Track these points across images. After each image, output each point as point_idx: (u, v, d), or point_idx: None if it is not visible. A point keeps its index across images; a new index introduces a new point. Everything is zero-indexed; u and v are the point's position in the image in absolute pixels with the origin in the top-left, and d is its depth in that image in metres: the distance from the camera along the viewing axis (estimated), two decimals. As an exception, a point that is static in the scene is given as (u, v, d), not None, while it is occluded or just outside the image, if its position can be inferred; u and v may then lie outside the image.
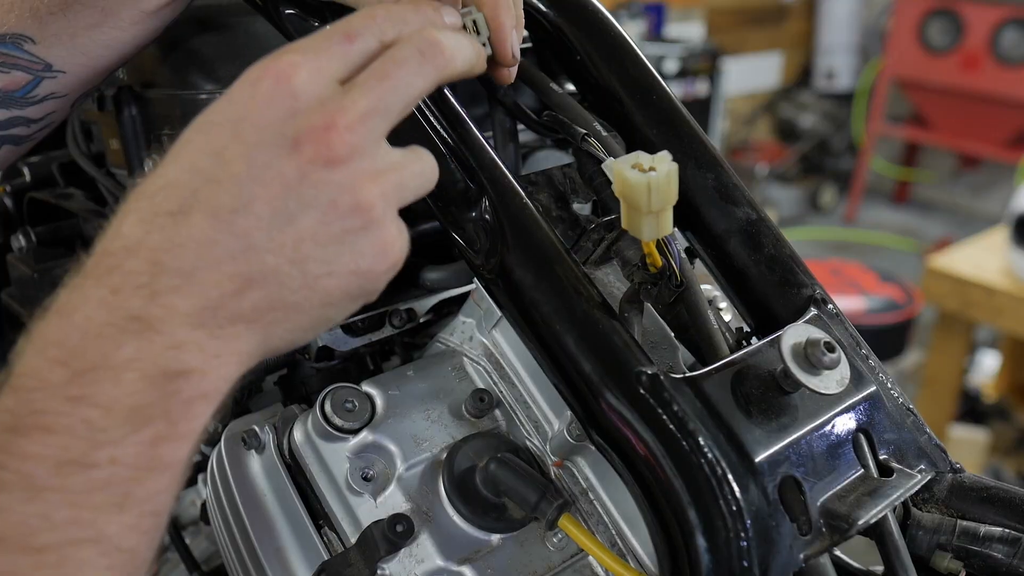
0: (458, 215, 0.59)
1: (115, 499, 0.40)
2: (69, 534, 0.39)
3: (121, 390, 0.41)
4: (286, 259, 0.44)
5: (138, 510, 0.41)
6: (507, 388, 0.65)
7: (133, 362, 0.41)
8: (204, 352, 0.43)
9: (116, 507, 0.41)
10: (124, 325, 0.41)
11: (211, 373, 0.43)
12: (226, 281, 0.43)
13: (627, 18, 4.70)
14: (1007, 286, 2.44)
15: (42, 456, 0.39)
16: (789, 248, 0.63)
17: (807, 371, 0.50)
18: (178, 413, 0.42)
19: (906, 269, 4.45)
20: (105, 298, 0.42)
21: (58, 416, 0.40)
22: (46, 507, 0.39)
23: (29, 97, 0.65)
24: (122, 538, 0.41)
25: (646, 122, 0.67)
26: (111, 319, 0.41)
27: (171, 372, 0.42)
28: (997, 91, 4.82)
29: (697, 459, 0.48)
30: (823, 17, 6.00)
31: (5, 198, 1.01)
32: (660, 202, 0.50)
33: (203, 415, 0.44)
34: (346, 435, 0.60)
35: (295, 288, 0.45)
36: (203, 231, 0.43)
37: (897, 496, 0.53)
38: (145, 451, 0.41)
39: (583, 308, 0.54)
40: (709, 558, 0.48)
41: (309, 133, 0.44)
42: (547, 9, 0.72)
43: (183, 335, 0.42)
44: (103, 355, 0.41)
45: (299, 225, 0.44)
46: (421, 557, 0.58)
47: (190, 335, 0.42)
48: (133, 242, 0.43)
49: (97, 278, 0.43)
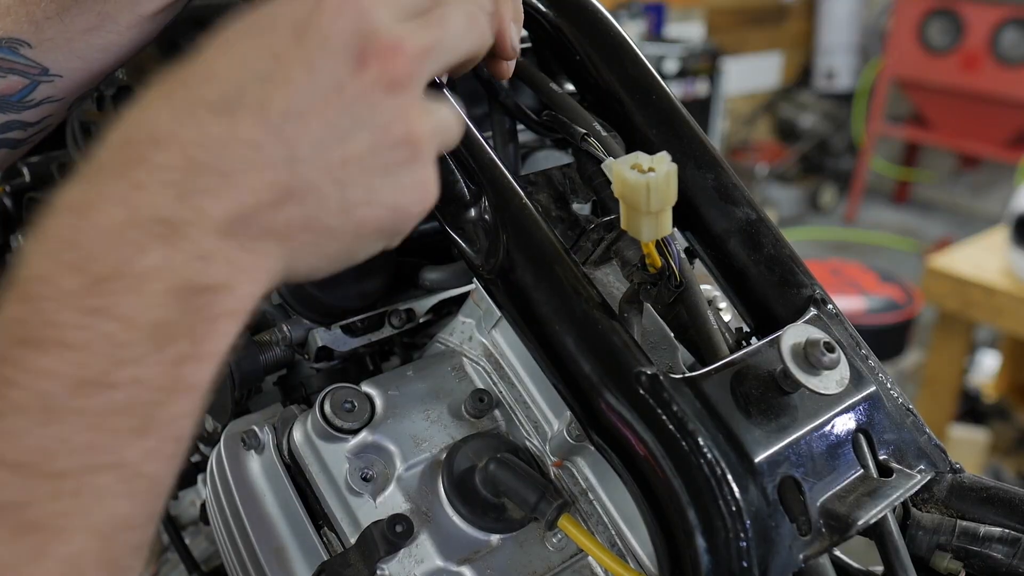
0: (457, 215, 0.59)
1: (136, 422, 0.37)
2: (88, 459, 0.36)
3: (144, 303, 0.37)
4: (330, 178, 0.41)
5: (160, 434, 0.38)
6: (507, 388, 0.65)
7: (158, 271, 0.37)
8: (232, 265, 0.39)
9: (137, 431, 0.37)
10: (148, 227, 0.37)
11: (238, 289, 0.40)
12: (265, 189, 0.40)
13: (627, 18, 4.70)
14: (1007, 286, 2.44)
15: (59, 373, 0.36)
16: (789, 248, 0.63)
17: (807, 371, 0.50)
18: (203, 331, 0.39)
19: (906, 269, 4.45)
20: (127, 195, 0.38)
21: (76, 330, 0.36)
22: (64, 430, 0.36)
23: (25, 101, 0.65)
24: (143, 463, 0.38)
25: (646, 122, 0.67)
26: (133, 219, 0.37)
27: (198, 286, 0.38)
28: (997, 91, 4.82)
29: (696, 459, 0.48)
30: (823, 17, 6.00)
31: (5, 198, 1.00)
32: (659, 203, 0.50)
33: (228, 334, 0.40)
34: (345, 435, 0.60)
35: (332, 211, 0.42)
36: (249, 131, 0.39)
37: (897, 496, 0.53)
38: (168, 371, 0.38)
39: (583, 308, 0.54)
40: (708, 558, 0.47)
41: (376, 51, 0.42)
42: (547, 9, 0.72)
43: (211, 244, 0.38)
44: (124, 261, 0.37)
45: (349, 145, 0.42)
46: (420, 557, 0.58)
47: (219, 245, 0.39)
48: (164, 133, 0.39)
49: (117, 171, 0.39)
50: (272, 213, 0.40)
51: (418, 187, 0.45)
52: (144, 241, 0.37)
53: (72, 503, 0.36)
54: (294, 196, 0.41)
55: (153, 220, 0.37)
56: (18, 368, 0.36)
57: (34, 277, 0.37)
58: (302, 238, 0.42)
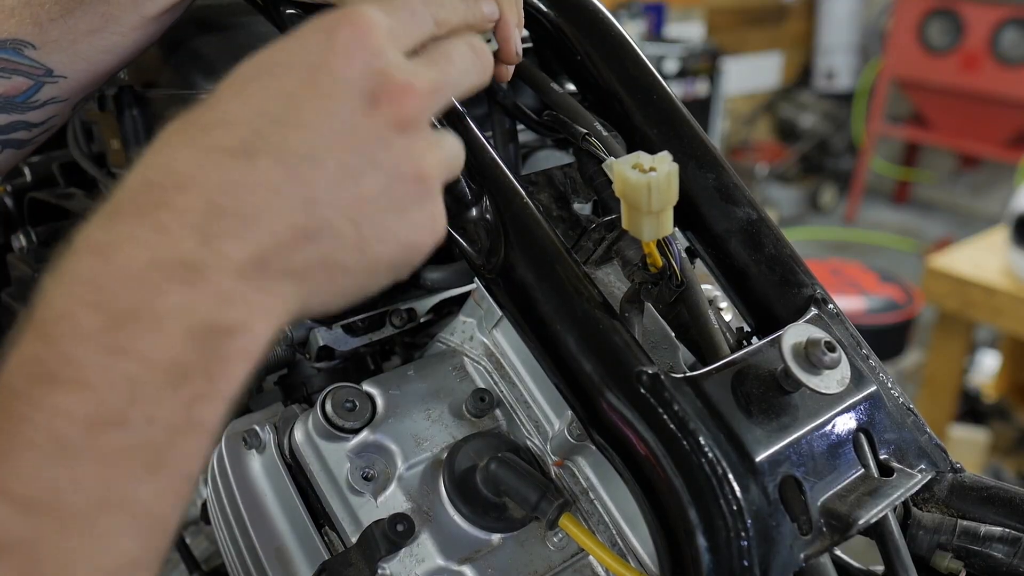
0: (459, 215, 0.59)
1: (148, 462, 0.37)
2: (99, 498, 0.36)
3: (163, 342, 0.37)
4: (346, 217, 0.42)
5: (170, 474, 0.38)
6: (507, 388, 0.65)
7: (178, 311, 0.38)
8: (250, 307, 0.40)
9: (149, 470, 0.37)
10: (170, 269, 0.38)
11: (253, 330, 0.40)
12: (284, 231, 0.40)
13: (627, 18, 4.70)
14: (1007, 286, 2.44)
15: (74, 412, 0.36)
16: (789, 248, 0.63)
17: (807, 371, 0.50)
18: (218, 371, 0.39)
19: (906, 269, 4.45)
20: (149, 237, 0.38)
21: (94, 368, 0.36)
22: (76, 468, 0.36)
23: (30, 102, 0.65)
24: (153, 503, 0.38)
25: (646, 122, 0.67)
26: (155, 261, 0.38)
27: (217, 327, 0.38)
28: (997, 91, 4.82)
29: (697, 459, 0.48)
30: (823, 17, 6.00)
31: (5, 198, 1.01)
32: (660, 203, 0.50)
33: (242, 374, 0.40)
34: (347, 435, 0.60)
35: (348, 248, 0.43)
36: (268, 175, 0.40)
37: (897, 496, 0.53)
38: (182, 411, 0.38)
39: (584, 308, 0.54)
40: (709, 558, 0.48)
41: (388, 92, 0.43)
42: (547, 9, 0.72)
43: (230, 286, 0.39)
44: (145, 301, 0.37)
45: (363, 184, 0.43)
46: (422, 557, 0.58)
47: (237, 287, 0.39)
48: (185, 177, 0.39)
49: (138, 213, 0.39)
50: (290, 254, 0.41)
51: (428, 222, 0.46)
52: (165, 282, 0.38)
53: (80, 543, 0.36)
54: (311, 236, 0.41)
55: (175, 262, 0.38)
56: (33, 405, 0.36)
57: (54, 316, 0.38)
58: (319, 277, 0.42)
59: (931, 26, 5.02)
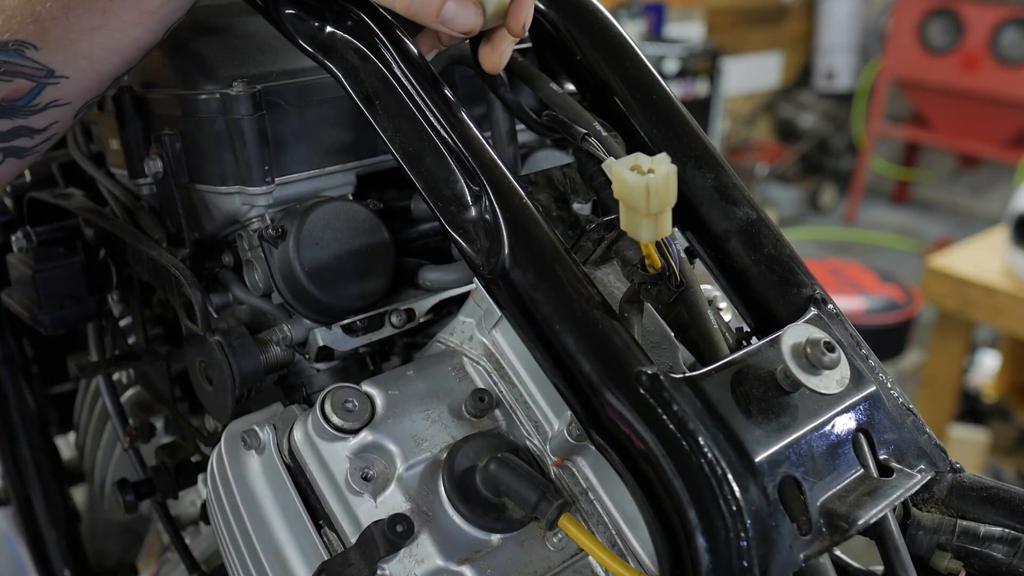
0: (458, 215, 0.59)
1: None
2: None
3: None
4: None
5: None
6: (507, 388, 0.65)
7: None
8: None
9: None
10: None
11: None
12: None
13: (627, 18, 4.70)
14: (1007, 286, 2.44)
15: None
16: (789, 248, 0.63)
17: (807, 371, 0.50)
18: None
19: (906, 269, 4.45)
20: None
21: None
22: None
23: (32, 105, 0.65)
24: None
25: (646, 122, 0.67)
26: None
27: None
28: (997, 91, 4.81)
29: (697, 459, 0.48)
30: (823, 17, 5.99)
31: (5, 198, 1.01)
32: (659, 204, 0.50)
33: None
34: (346, 435, 0.60)
35: None
36: None
37: (897, 496, 0.53)
38: None
39: (583, 308, 0.54)
40: (709, 558, 0.48)
41: None
42: (547, 9, 0.72)
43: None
44: None
45: None
46: (421, 557, 0.58)
47: None
48: None
49: None
50: None
51: None
52: None
53: None
54: None
55: None
56: None
57: None
58: None
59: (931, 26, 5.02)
